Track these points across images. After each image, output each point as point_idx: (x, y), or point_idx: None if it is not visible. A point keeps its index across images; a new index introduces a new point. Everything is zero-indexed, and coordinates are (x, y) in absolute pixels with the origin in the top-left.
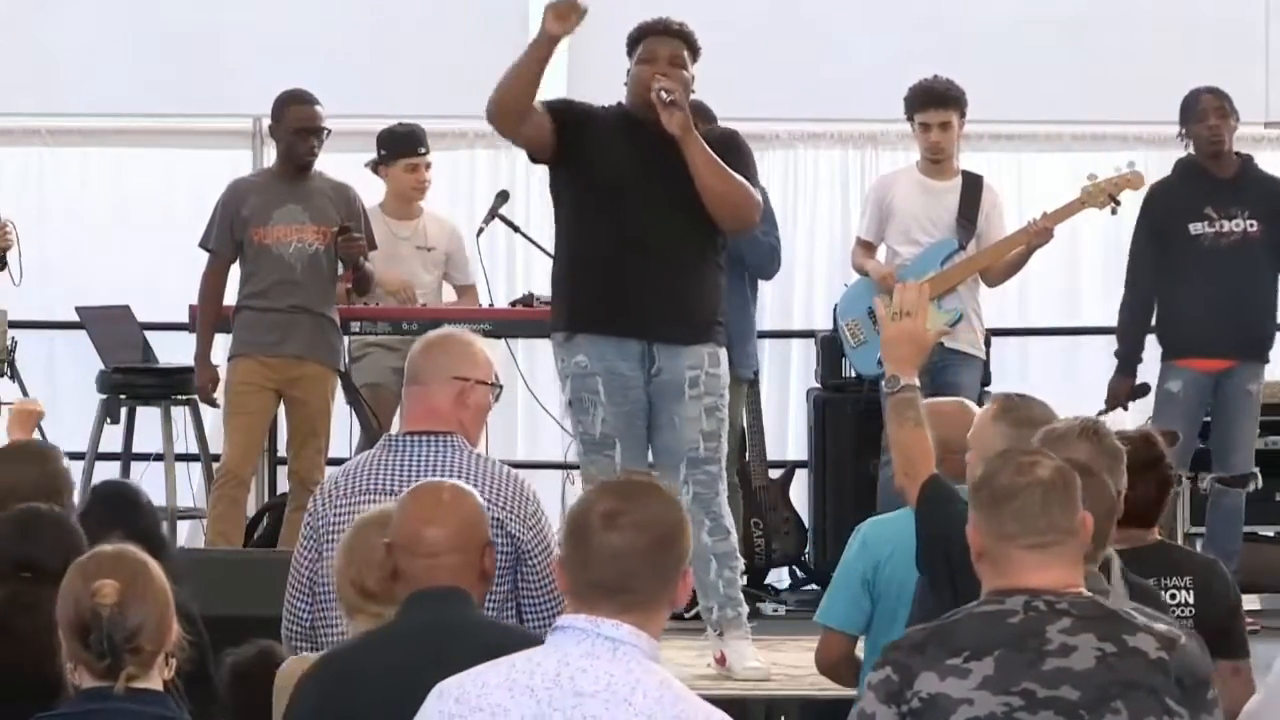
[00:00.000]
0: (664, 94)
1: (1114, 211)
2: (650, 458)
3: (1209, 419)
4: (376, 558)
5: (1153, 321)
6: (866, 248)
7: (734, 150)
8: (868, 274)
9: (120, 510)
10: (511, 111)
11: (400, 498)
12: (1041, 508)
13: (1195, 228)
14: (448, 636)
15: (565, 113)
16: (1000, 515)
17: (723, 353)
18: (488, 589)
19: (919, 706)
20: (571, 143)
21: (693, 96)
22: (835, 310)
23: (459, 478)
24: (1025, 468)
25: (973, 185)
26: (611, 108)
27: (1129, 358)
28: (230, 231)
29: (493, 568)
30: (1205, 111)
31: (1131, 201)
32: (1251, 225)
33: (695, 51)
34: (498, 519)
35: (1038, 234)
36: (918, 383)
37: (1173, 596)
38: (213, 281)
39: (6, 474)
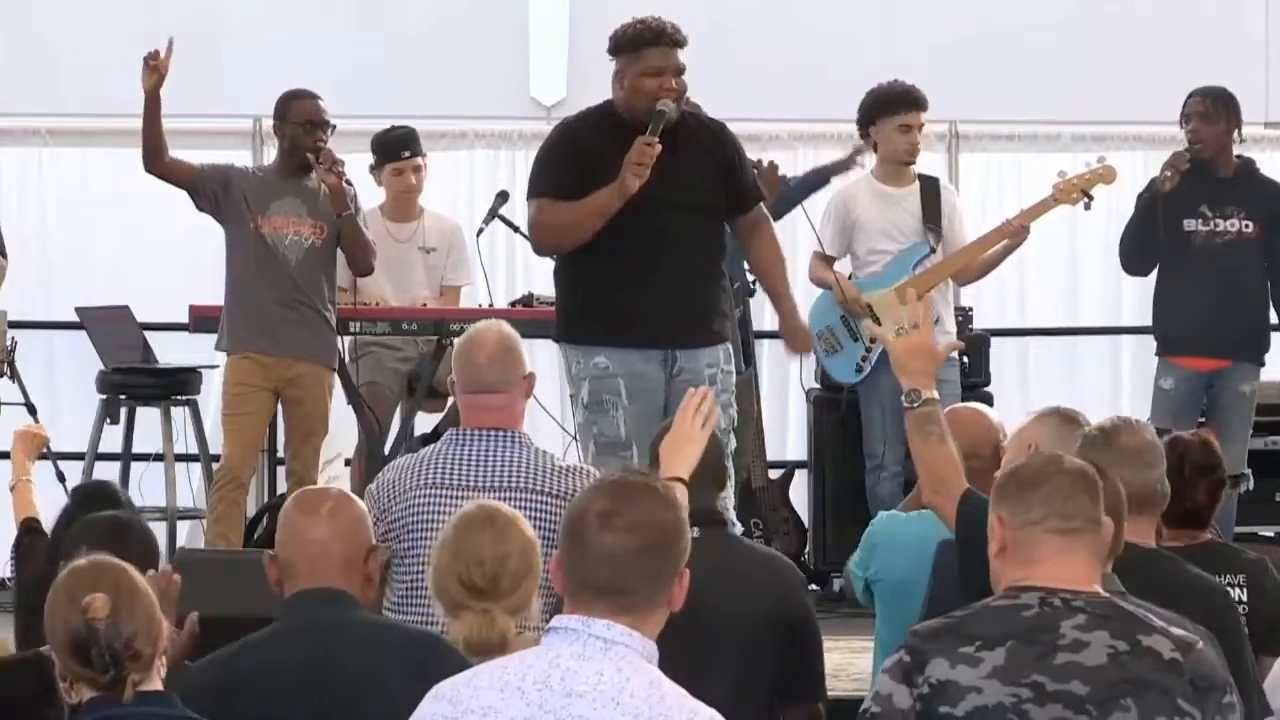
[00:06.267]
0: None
1: (1087, 207)
2: None
3: (1204, 419)
4: (484, 554)
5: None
6: (827, 261)
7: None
8: (831, 287)
9: (99, 509)
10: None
11: (285, 505)
12: (1069, 493)
13: (1189, 224)
14: (337, 635)
15: (574, 185)
16: (1027, 500)
17: (730, 348)
18: (372, 594)
19: (928, 692)
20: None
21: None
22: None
23: (522, 471)
24: (1053, 460)
25: (931, 188)
26: (598, 115)
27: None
28: (225, 181)
29: (377, 572)
30: (1188, 115)
31: (1104, 197)
32: (1247, 225)
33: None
34: (559, 512)
35: (1014, 233)
36: (937, 395)
37: None
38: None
39: None
